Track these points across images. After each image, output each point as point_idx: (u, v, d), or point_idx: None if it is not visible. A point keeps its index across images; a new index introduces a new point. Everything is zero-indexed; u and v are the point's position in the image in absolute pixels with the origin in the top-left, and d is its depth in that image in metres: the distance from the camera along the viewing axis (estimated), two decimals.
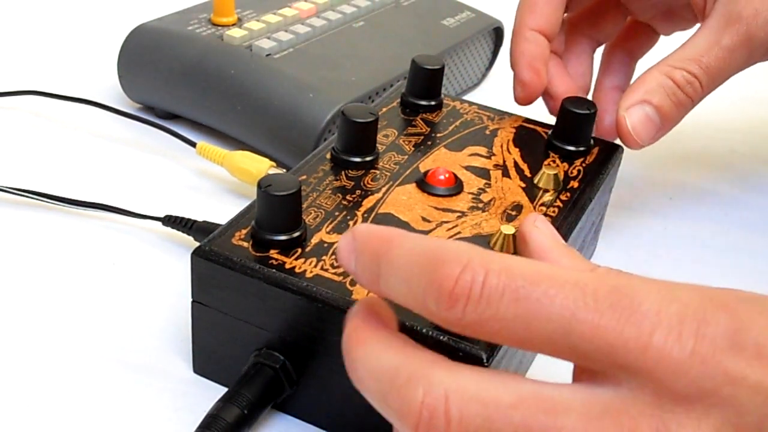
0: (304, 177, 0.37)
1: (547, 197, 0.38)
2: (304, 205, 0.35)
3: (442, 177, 0.37)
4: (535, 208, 0.37)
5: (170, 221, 0.42)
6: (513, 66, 0.44)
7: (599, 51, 0.50)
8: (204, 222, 0.42)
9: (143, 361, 0.36)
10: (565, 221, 0.36)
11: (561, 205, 0.37)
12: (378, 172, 0.38)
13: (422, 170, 0.38)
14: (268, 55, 0.50)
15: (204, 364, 0.35)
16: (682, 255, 0.46)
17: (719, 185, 0.53)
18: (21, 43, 0.63)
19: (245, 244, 0.33)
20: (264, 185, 0.32)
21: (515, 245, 0.34)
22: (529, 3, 0.43)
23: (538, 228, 0.30)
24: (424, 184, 0.37)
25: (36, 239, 0.43)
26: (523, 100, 0.44)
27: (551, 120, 0.43)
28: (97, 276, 0.41)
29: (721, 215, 0.50)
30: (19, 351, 0.36)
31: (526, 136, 0.43)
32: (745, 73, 0.44)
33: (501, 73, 0.63)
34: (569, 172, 0.40)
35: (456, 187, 0.37)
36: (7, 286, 0.40)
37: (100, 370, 0.35)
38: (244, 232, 0.33)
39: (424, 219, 0.35)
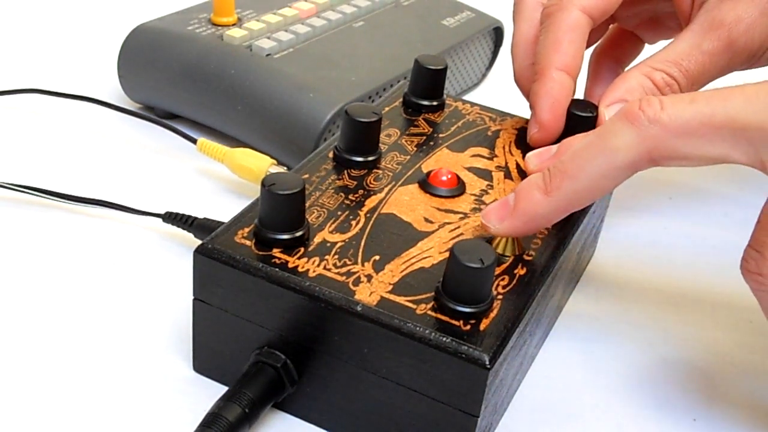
0: (306, 176, 0.37)
1: None
2: (307, 204, 0.35)
3: (444, 178, 0.37)
4: None
5: (171, 218, 0.42)
6: (534, 104, 0.41)
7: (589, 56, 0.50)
8: (204, 219, 0.42)
9: (143, 359, 0.36)
10: (567, 223, 0.36)
11: None
12: (380, 171, 0.38)
13: (424, 171, 0.38)
14: (268, 55, 0.50)
15: (204, 362, 0.35)
16: (682, 255, 0.46)
17: (719, 185, 0.53)
18: (22, 43, 0.63)
19: (248, 243, 0.32)
20: (268, 184, 0.32)
21: (517, 247, 0.34)
22: (551, 41, 0.41)
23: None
24: (426, 184, 0.37)
25: (37, 235, 0.43)
26: (539, 141, 0.41)
27: None
28: (97, 272, 0.41)
29: (721, 215, 0.50)
30: (18, 349, 0.36)
31: None
32: (745, 73, 0.44)
33: (501, 73, 0.63)
34: None
35: (458, 188, 0.37)
36: (6, 282, 0.40)
37: (100, 368, 0.35)
38: (246, 230, 0.33)
39: (426, 220, 0.35)
